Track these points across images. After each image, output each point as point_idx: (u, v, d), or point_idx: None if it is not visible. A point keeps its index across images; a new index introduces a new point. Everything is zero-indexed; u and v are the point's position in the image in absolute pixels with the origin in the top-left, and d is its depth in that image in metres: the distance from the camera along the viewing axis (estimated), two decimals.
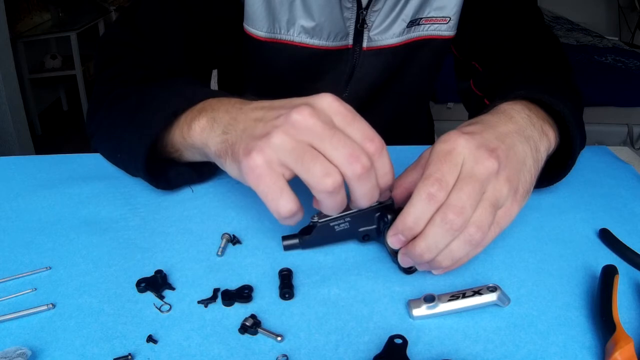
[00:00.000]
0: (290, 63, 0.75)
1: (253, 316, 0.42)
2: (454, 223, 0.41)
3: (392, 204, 0.48)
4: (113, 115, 0.60)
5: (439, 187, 0.41)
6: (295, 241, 0.50)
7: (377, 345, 0.40)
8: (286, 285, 0.45)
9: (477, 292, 0.42)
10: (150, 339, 0.40)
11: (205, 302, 0.44)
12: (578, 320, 0.43)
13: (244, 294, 0.44)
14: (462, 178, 0.42)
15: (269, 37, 0.71)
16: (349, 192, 0.43)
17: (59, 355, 0.39)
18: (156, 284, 0.45)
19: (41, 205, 0.57)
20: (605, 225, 0.54)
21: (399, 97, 0.85)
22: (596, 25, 3.16)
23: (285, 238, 0.50)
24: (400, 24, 0.73)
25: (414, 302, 0.43)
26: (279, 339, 0.40)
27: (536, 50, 0.74)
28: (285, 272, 0.46)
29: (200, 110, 0.51)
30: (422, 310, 0.42)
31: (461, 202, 0.41)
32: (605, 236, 0.53)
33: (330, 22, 0.70)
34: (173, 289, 0.45)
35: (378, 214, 0.48)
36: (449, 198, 0.41)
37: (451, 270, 0.47)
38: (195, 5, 0.68)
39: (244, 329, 0.41)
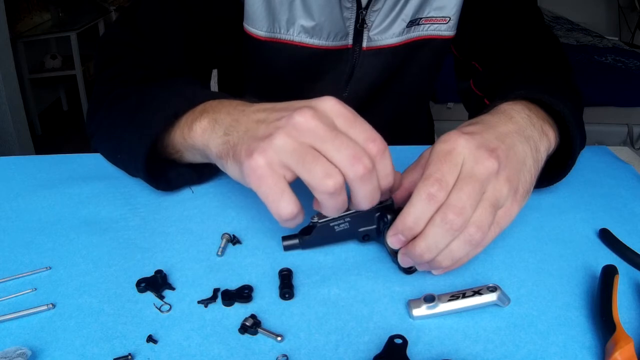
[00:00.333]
0: (290, 63, 0.75)
1: (253, 316, 0.42)
2: (454, 223, 0.41)
3: (392, 204, 0.48)
4: (113, 115, 0.60)
5: (439, 187, 0.41)
6: (295, 241, 0.50)
7: (377, 345, 0.40)
8: (286, 285, 0.45)
9: (477, 292, 0.42)
10: (150, 339, 0.40)
11: (205, 302, 0.44)
12: (578, 320, 0.43)
13: (244, 294, 0.44)
14: (462, 178, 0.42)
15: (268, 37, 0.71)
16: (350, 193, 0.43)
17: (59, 355, 0.39)
18: (156, 284, 0.45)
19: (41, 205, 0.57)
20: (605, 225, 0.54)
21: (399, 97, 0.85)
22: (596, 25, 3.16)
23: (285, 238, 0.50)
24: (400, 24, 0.73)
25: (414, 302, 0.43)
26: (279, 339, 0.40)
27: (536, 50, 0.74)
28: (285, 272, 0.46)
29: (202, 112, 0.51)
30: (422, 310, 0.42)
31: (461, 202, 0.41)
32: (605, 236, 0.53)
33: (330, 22, 0.70)
34: (173, 289, 0.45)
35: (378, 214, 0.48)
36: (449, 198, 0.41)
37: (451, 270, 0.47)
38: (196, 5, 0.68)
39: (244, 329, 0.41)
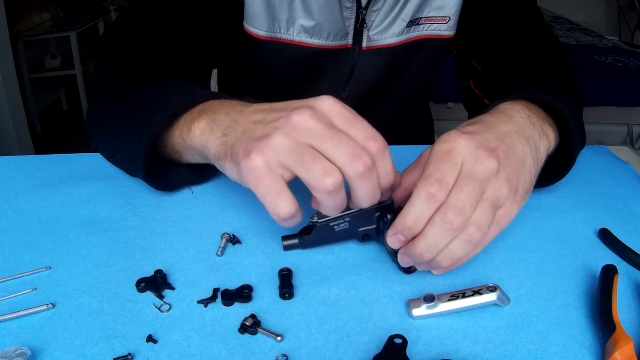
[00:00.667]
0: (290, 63, 0.75)
1: (253, 316, 0.42)
2: (454, 223, 0.41)
3: (392, 204, 0.48)
4: (113, 115, 0.60)
5: (439, 187, 0.41)
6: (295, 241, 0.50)
7: (377, 345, 0.40)
8: (286, 285, 0.45)
9: (477, 292, 0.42)
10: (150, 339, 0.40)
11: (205, 302, 0.44)
12: (578, 320, 0.43)
13: (244, 294, 0.44)
14: (462, 178, 0.42)
15: (269, 37, 0.71)
16: (350, 192, 0.43)
17: (59, 355, 0.39)
18: (156, 284, 0.45)
19: (41, 205, 0.57)
20: (605, 225, 0.54)
21: (399, 97, 0.85)
22: (596, 25, 3.16)
23: (285, 238, 0.50)
24: (400, 24, 0.73)
25: (414, 302, 0.43)
26: (279, 339, 0.40)
27: (536, 50, 0.74)
28: (285, 272, 0.46)
29: (200, 112, 0.51)
30: (422, 310, 0.42)
31: (461, 202, 0.41)
32: (605, 236, 0.53)
33: (330, 22, 0.70)
34: (173, 289, 0.45)
35: (378, 214, 0.48)
36: (449, 198, 0.41)
37: (451, 270, 0.47)
38: (196, 5, 0.68)
39: (244, 329, 0.41)
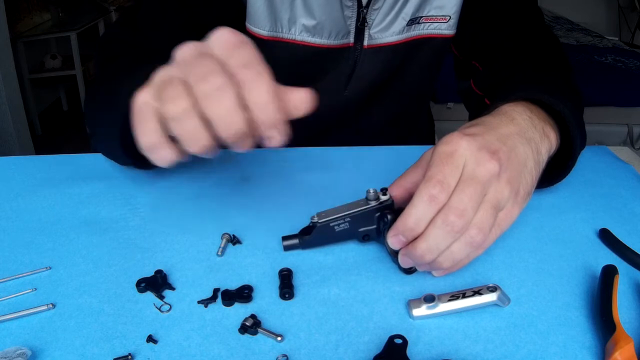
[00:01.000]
0: (292, 62, 0.75)
1: (253, 316, 0.42)
2: (455, 225, 0.41)
3: (392, 204, 0.48)
4: (96, 106, 0.60)
5: (440, 188, 0.41)
6: (295, 241, 0.50)
7: (377, 345, 0.40)
8: (286, 285, 0.45)
9: (477, 292, 0.42)
10: (150, 339, 0.40)
11: (205, 302, 0.44)
12: (578, 320, 0.43)
13: (244, 294, 0.44)
14: (464, 180, 0.42)
15: (271, 36, 0.71)
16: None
17: (59, 355, 0.39)
18: (156, 284, 0.45)
19: (41, 205, 0.57)
20: (605, 225, 0.54)
21: (399, 96, 0.85)
22: (596, 25, 3.16)
23: (285, 238, 0.50)
24: (401, 22, 0.74)
25: (414, 302, 0.43)
26: (279, 339, 0.40)
27: (536, 50, 0.74)
28: (285, 272, 0.46)
29: None
30: (422, 310, 0.42)
31: (462, 204, 0.41)
32: (605, 236, 0.53)
33: (331, 21, 0.71)
34: (173, 289, 0.45)
35: (378, 214, 0.48)
36: (450, 200, 0.41)
37: (452, 272, 0.47)
38: (197, 5, 0.68)
39: (244, 329, 0.41)
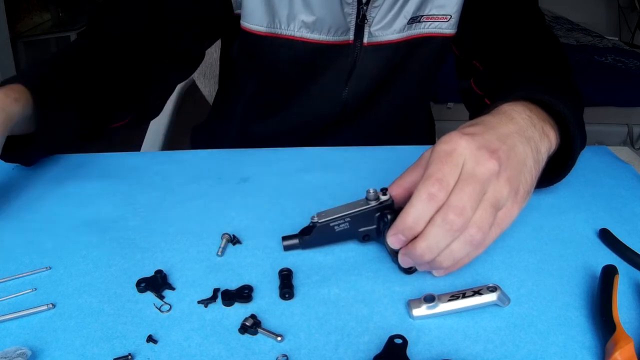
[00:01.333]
0: (291, 58, 0.75)
1: (253, 316, 0.42)
2: (454, 223, 0.41)
3: (392, 203, 0.48)
4: None
5: (439, 187, 0.41)
6: (295, 241, 0.50)
7: (377, 345, 0.40)
8: (286, 285, 0.45)
9: (477, 292, 0.42)
10: (150, 339, 0.40)
11: (205, 302, 0.44)
12: (578, 320, 0.43)
13: (244, 294, 0.44)
14: (463, 179, 0.42)
15: (269, 32, 0.72)
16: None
17: (59, 355, 0.39)
18: (156, 284, 0.45)
19: (41, 206, 0.57)
20: (605, 225, 0.54)
21: (400, 95, 0.85)
22: (596, 25, 3.16)
23: (285, 238, 0.50)
24: (401, 21, 0.74)
25: (414, 302, 0.43)
26: (279, 339, 0.40)
27: (537, 50, 0.74)
28: (285, 272, 0.46)
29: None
30: (422, 310, 0.42)
31: (462, 202, 0.41)
32: (605, 236, 0.53)
33: (331, 17, 0.71)
34: (173, 289, 0.45)
35: (378, 214, 0.48)
36: (449, 198, 0.41)
37: (452, 271, 0.47)
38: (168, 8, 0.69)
39: (244, 329, 0.41)
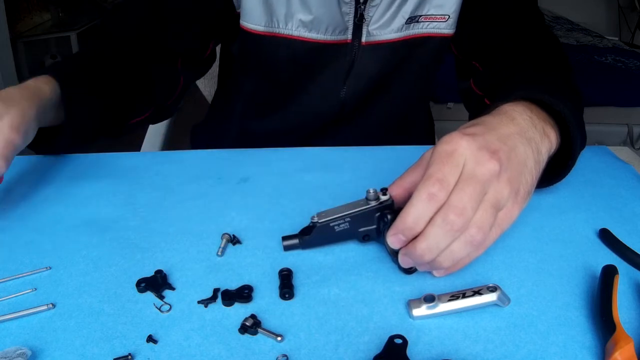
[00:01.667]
0: (289, 57, 0.75)
1: (253, 316, 0.42)
2: (454, 224, 0.41)
3: (392, 203, 0.48)
4: None
5: (439, 187, 0.41)
6: (295, 241, 0.50)
7: (377, 345, 0.40)
8: (286, 285, 0.45)
9: (477, 292, 0.42)
10: (150, 339, 0.40)
11: (205, 302, 0.44)
12: (578, 320, 0.43)
13: (244, 294, 0.44)
14: (463, 179, 0.42)
15: (267, 32, 0.72)
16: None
17: (59, 355, 0.39)
18: (156, 284, 0.45)
19: (41, 205, 0.57)
20: (605, 225, 0.54)
21: (398, 95, 0.85)
22: (596, 25, 3.16)
23: (285, 238, 0.50)
24: (399, 20, 0.74)
25: (414, 302, 0.43)
26: (279, 339, 0.40)
27: (536, 51, 0.74)
28: (285, 272, 0.46)
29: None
30: (422, 310, 0.42)
31: (462, 203, 0.41)
32: (605, 236, 0.53)
33: (329, 16, 0.71)
34: (173, 289, 0.45)
35: (378, 214, 0.48)
36: (450, 199, 0.41)
37: (453, 272, 0.47)
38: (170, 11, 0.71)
39: (244, 329, 0.41)
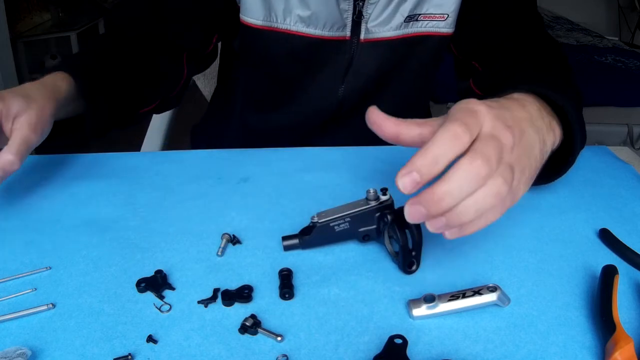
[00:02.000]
0: (287, 52, 0.75)
1: (253, 316, 0.42)
2: (481, 169, 0.37)
3: (392, 203, 0.48)
4: None
5: (465, 129, 0.38)
6: (295, 241, 0.50)
7: (377, 345, 0.40)
8: (286, 285, 0.45)
9: (477, 292, 0.42)
10: (150, 339, 0.40)
11: (205, 302, 0.44)
12: (578, 320, 0.43)
13: (244, 294, 0.44)
14: (484, 136, 0.39)
15: (265, 26, 0.72)
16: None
17: (59, 355, 0.39)
18: (156, 284, 0.45)
19: (41, 205, 0.57)
20: (605, 225, 0.54)
21: (397, 93, 0.85)
22: (596, 25, 3.16)
23: (285, 238, 0.50)
24: (398, 18, 0.74)
25: (414, 302, 0.43)
26: (279, 339, 0.40)
27: (536, 51, 0.74)
28: (285, 272, 0.46)
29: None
30: (422, 310, 0.42)
31: (488, 151, 0.38)
32: (605, 236, 0.53)
33: (327, 12, 0.71)
34: (173, 289, 0.45)
35: (378, 214, 0.48)
36: (474, 145, 0.38)
37: (466, 234, 0.40)
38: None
39: (244, 329, 0.41)
